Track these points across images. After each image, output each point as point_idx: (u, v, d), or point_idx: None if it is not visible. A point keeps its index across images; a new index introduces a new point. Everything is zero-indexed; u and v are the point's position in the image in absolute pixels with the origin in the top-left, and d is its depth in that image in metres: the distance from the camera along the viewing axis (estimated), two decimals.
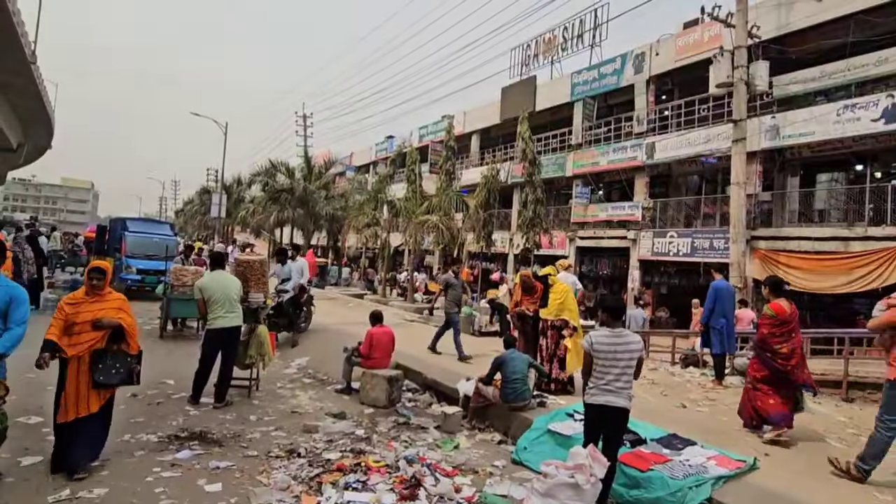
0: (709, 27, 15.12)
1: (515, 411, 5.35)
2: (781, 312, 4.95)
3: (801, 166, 14.81)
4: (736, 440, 4.85)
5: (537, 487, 3.77)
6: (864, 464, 4.06)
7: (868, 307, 12.74)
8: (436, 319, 11.28)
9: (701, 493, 3.73)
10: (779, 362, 4.80)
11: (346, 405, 5.97)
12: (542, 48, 22.16)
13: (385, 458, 4.32)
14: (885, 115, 11.80)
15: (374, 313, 6.85)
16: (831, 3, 12.92)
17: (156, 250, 13.38)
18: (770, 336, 4.91)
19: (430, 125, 29.66)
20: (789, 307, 4.99)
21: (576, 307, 6.56)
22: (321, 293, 18.58)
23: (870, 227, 11.98)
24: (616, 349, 3.74)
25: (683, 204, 17.07)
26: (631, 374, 3.75)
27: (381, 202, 22.03)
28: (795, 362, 4.84)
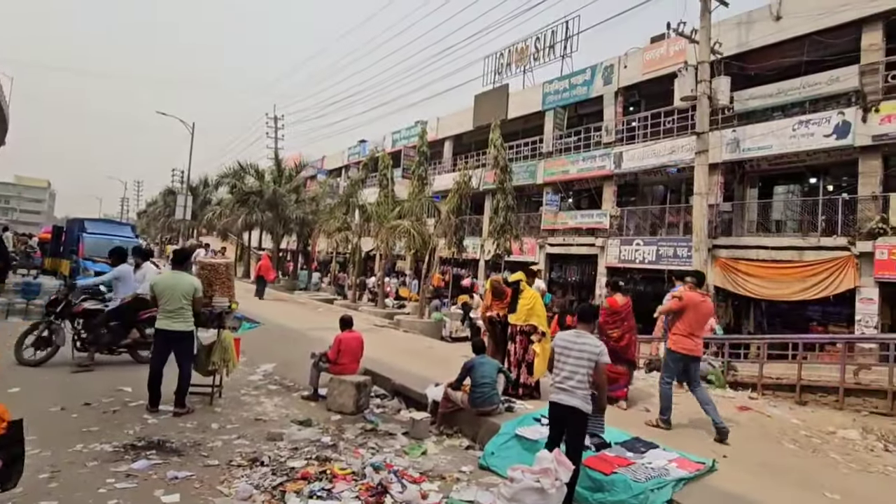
0: (674, 42, 15.63)
1: (484, 416, 5.36)
2: (614, 305, 6.35)
3: (760, 178, 15.44)
4: (696, 443, 4.98)
5: (503, 492, 3.79)
6: (663, 415, 5.53)
7: (820, 314, 13.40)
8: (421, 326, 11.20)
9: (662, 495, 3.81)
10: (611, 343, 5.94)
11: (312, 412, 5.86)
12: (515, 57, 22.49)
13: (351, 466, 4.26)
14: (836, 131, 12.42)
15: (344, 318, 6.77)
16: (788, 24, 13.56)
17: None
18: (605, 324, 6.21)
19: (404, 130, 29.64)
20: (623, 301, 6.36)
21: (544, 312, 6.65)
22: (290, 297, 18.29)
23: (822, 237, 12.56)
24: (570, 349, 3.86)
25: (649, 213, 17.54)
26: (583, 374, 3.80)
27: (352, 206, 21.83)
28: (624, 343, 6.25)
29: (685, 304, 5.51)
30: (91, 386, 6.03)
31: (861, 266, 11.65)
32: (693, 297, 5.54)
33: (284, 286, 24.63)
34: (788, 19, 13.55)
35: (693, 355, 5.56)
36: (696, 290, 5.67)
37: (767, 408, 6.70)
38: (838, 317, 12.66)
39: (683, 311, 5.51)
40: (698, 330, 5.57)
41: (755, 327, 14.14)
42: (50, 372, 6.46)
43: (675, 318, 5.69)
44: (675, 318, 5.66)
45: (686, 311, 5.50)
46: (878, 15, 12.17)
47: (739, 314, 14.49)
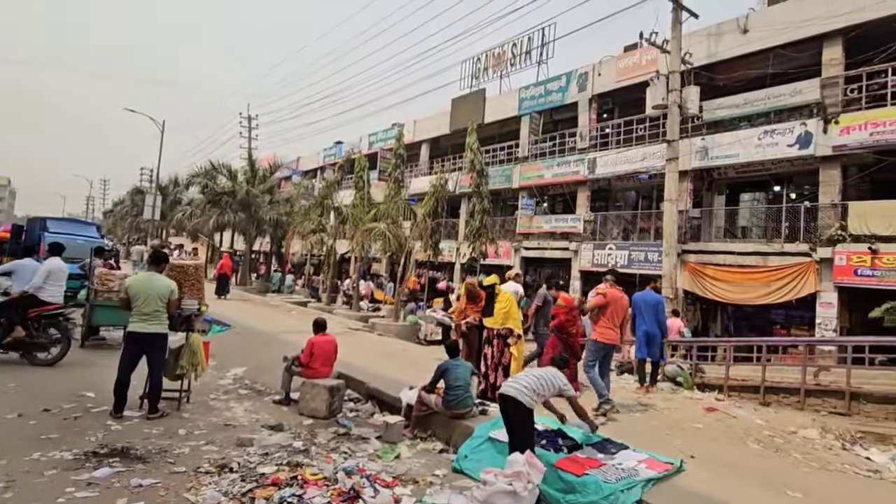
0: (646, 52, 16.01)
1: (457, 419, 5.36)
2: (568, 301, 6.82)
3: (727, 186, 15.93)
4: (665, 444, 5.08)
5: (476, 495, 3.80)
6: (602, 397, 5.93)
7: (784, 318, 13.86)
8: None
9: (632, 495, 3.87)
10: (572, 339, 6.46)
11: (283, 416, 5.77)
12: (492, 62, 22.67)
13: (323, 471, 4.20)
14: (798, 141, 12.91)
15: (317, 321, 6.69)
16: (755, 37, 14.04)
17: (79, 253, 12.46)
18: (567, 322, 6.60)
19: (380, 132, 29.53)
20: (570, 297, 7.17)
21: (519, 315, 6.70)
22: (262, 300, 17.98)
23: (785, 243, 13.02)
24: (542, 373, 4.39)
25: (621, 218, 17.89)
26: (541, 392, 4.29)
27: (327, 208, 21.62)
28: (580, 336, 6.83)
29: (608, 300, 6.12)
30: (52, 391, 5.80)
31: (821, 271, 12.12)
32: (614, 294, 6.22)
33: (257, 288, 24.21)
34: (755, 32, 14.04)
35: (613, 344, 6.30)
36: (615, 287, 6.33)
37: (733, 409, 6.89)
38: (800, 320, 13.13)
39: (607, 307, 6.13)
40: (618, 322, 6.25)
41: (722, 330, 14.55)
42: (7, 376, 6.19)
43: (599, 313, 6.31)
44: (600, 313, 6.28)
45: (608, 306, 6.11)
46: (837, 31, 12.71)
47: (707, 317, 14.89)
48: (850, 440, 6.01)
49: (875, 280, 11.24)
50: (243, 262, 26.69)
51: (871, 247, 11.36)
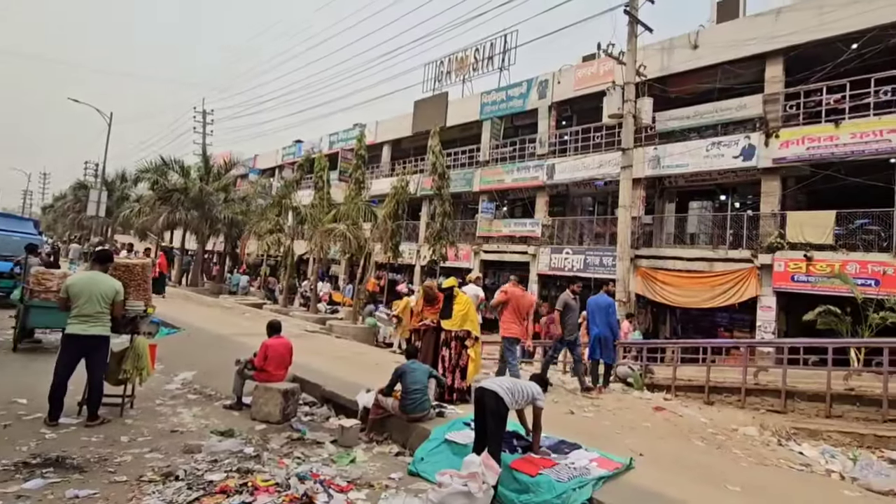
0: (604, 62, 16.52)
1: (414, 422, 5.35)
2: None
3: (677, 194, 16.62)
4: (616, 443, 5.24)
5: (431, 498, 3.80)
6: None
7: (727, 321, 14.57)
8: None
9: (583, 493, 3.96)
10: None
11: (235, 421, 5.59)
12: (455, 66, 22.82)
13: (275, 477, 4.09)
14: (743, 153, 13.63)
15: (271, 323, 6.52)
16: (704, 52, 14.74)
17: (13, 250, 11.68)
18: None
19: (341, 132, 29.18)
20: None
21: (477, 318, 6.76)
22: (215, 301, 17.37)
23: (730, 249, 13.71)
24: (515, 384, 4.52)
25: (578, 223, 18.35)
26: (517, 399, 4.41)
27: (285, 208, 21.14)
28: None
29: (508, 298, 6.73)
30: None
31: (762, 277, 12.82)
32: (515, 292, 6.88)
33: (210, 290, 23.38)
34: (704, 48, 14.74)
35: (518, 337, 6.90)
36: (518, 287, 7.06)
37: (680, 408, 7.18)
38: (742, 323, 13.84)
39: (508, 303, 6.74)
40: (521, 317, 6.87)
41: (671, 332, 15.14)
42: None
43: (502, 310, 6.94)
44: (503, 309, 6.91)
45: (510, 302, 6.73)
46: (778, 50, 13.52)
47: (657, 320, 15.47)
48: (785, 436, 6.37)
49: (809, 286, 11.98)
50: (195, 261, 25.73)
51: (806, 254, 12.11)
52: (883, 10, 11.80)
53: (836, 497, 4.56)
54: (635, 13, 13.27)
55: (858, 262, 11.49)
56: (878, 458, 5.76)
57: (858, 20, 12.07)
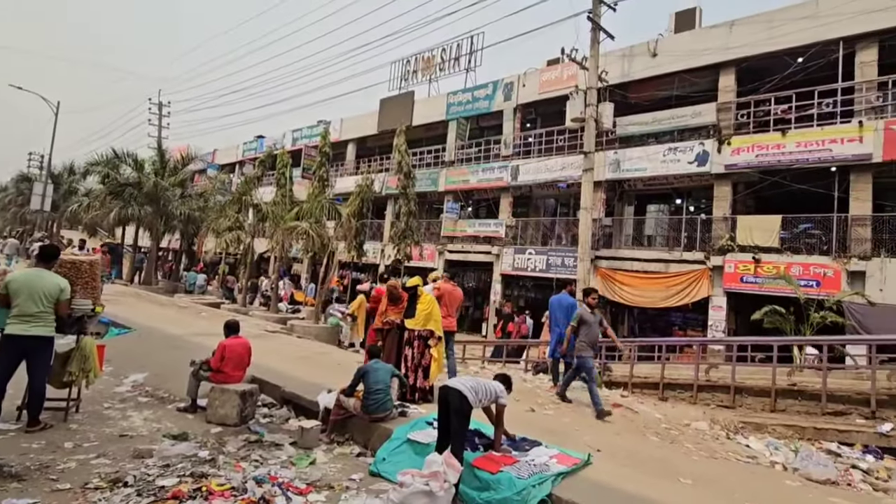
0: (568, 67, 16.86)
1: (376, 422, 5.30)
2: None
3: (636, 197, 17.15)
4: (575, 439, 5.35)
5: (392, 498, 3.78)
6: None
7: (681, 320, 15.12)
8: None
9: (543, 489, 4.03)
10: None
11: (189, 425, 5.40)
12: (422, 65, 22.80)
13: (231, 481, 3.98)
14: (697, 158, 14.18)
15: (229, 322, 6.32)
16: (663, 61, 15.26)
17: None
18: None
19: (305, 129, 28.68)
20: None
21: (440, 317, 6.76)
22: (169, 301, 16.74)
23: (684, 251, 14.24)
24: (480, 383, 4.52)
25: (541, 224, 18.66)
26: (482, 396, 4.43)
27: (246, 205, 20.55)
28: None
29: (442, 293, 7.14)
30: None
31: (713, 278, 13.38)
32: (447, 287, 7.31)
33: (164, 288, 22.51)
34: (663, 56, 15.26)
35: (450, 330, 7.25)
36: (449, 282, 7.53)
37: (636, 404, 7.40)
38: (695, 322, 14.40)
39: (442, 298, 7.06)
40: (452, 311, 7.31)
41: (628, 331, 15.59)
42: None
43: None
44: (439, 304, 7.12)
45: (443, 297, 7.07)
46: (731, 61, 14.14)
47: (616, 320, 15.90)
48: (733, 430, 6.67)
49: (757, 286, 12.58)
50: (149, 259, 24.71)
51: (754, 256, 12.72)
52: (825, 28, 12.53)
53: (778, 487, 4.81)
54: (598, 20, 13.59)
55: (802, 265, 12.15)
56: (818, 450, 6.11)
57: (804, 35, 12.77)
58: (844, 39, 12.45)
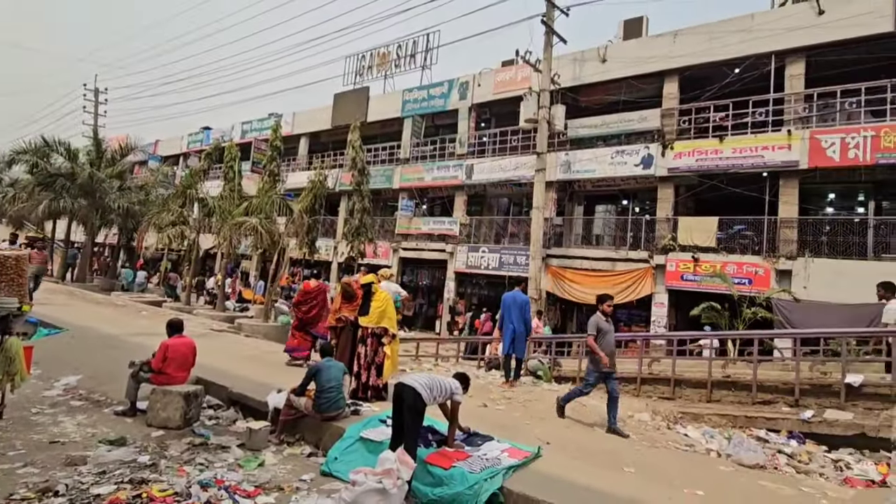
0: (522, 69, 17.15)
1: (328, 421, 5.23)
2: (306, 287, 8.45)
3: (585, 197, 17.70)
4: (526, 433, 5.48)
5: (345, 497, 3.75)
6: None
7: (627, 316, 15.75)
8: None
9: (494, 483, 4.11)
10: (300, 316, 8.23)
11: (127, 429, 5.14)
12: (377, 61, 22.57)
13: (174, 486, 3.83)
14: (643, 161, 14.79)
15: (172, 321, 6.06)
16: (612, 66, 15.80)
17: None
18: (300, 302, 8.38)
19: (255, 121, 27.79)
20: (315, 285, 8.49)
21: (395, 315, 6.74)
22: (106, 299, 15.79)
23: (630, 250, 14.83)
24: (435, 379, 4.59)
25: (494, 223, 18.92)
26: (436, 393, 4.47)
27: (191, 199, 19.66)
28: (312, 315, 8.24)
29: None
30: None
31: (656, 276, 14.01)
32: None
33: (99, 286, 21.24)
34: (612, 62, 15.80)
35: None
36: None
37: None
38: (639, 318, 15.03)
39: None
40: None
41: (577, 327, 16.08)
42: None
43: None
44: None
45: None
46: (675, 69, 14.83)
47: (565, 316, 16.37)
48: (673, 420, 7.02)
49: (696, 284, 13.28)
50: (83, 255, 23.23)
51: (693, 256, 13.41)
52: (759, 41, 13.36)
53: (713, 473, 5.12)
54: (551, 24, 13.91)
55: (736, 264, 12.93)
56: (748, 437, 6.54)
57: (740, 48, 13.57)
58: (776, 53, 13.32)
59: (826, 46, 12.73)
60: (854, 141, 11.89)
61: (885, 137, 11.56)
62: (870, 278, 9.36)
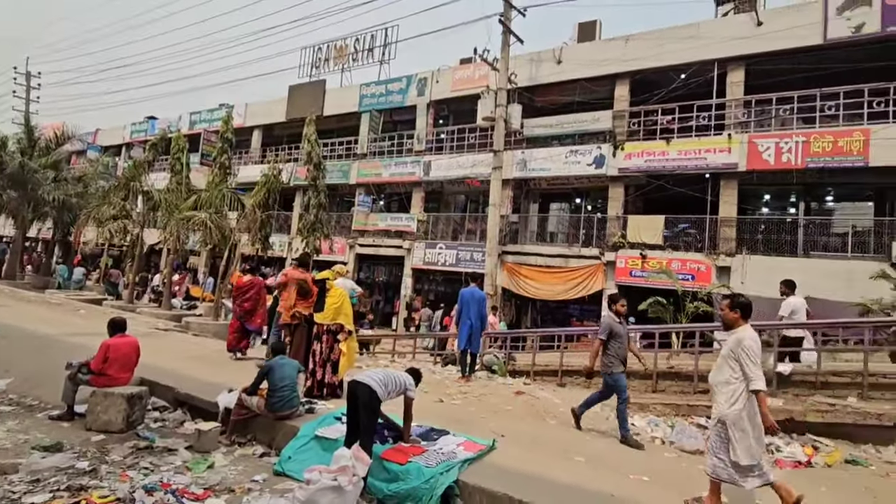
0: (480, 67, 17.29)
1: (282, 420, 5.14)
2: (239, 282, 8.45)
3: (540, 195, 18.08)
4: (481, 426, 5.57)
5: (298, 496, 3.70)
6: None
7: (579, 312, 16.22)
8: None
9: (450, 476, 4.16)
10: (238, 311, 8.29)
11: (64, 434, 4.86)
12: (334, 54, 22.17)
13: (116, 492, 3.67)
14: (595, 161, 15.24)
15: (114, 320, 5.78)
16: (566, 68, 16.18)
17: None
18: (237, 296, 8.41)
19: (205, 112, 26.76)
20: (248, 280, 8.45)
21: (351, 311, 6.68)
22: (39, 297, 14.81)
23: (582, 247, 15.28)
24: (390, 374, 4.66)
25: (452, 219, 19.03)
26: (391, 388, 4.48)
27: (134, 192, 18.68)
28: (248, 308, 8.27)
29: (288, 279, 7.20)
30: None
31: (607, 272, 14.50)
32: (294, 274, 7.25)
33: (31, 283, 19.90)
34: (567, 64, 16.18)
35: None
36: (298, 269, 7.43)
37: (537, 391, 7.84)
38: (591, 314, 15.51)
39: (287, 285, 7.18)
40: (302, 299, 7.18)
41: (531, 323, 16.44)
42: None
43: (282, 291, 7.37)
44: (283, 291, 7.33)
45: (289, 284, 7.13)
46: (626, 73, 15.34)
47: (520, 312, 16.69)
48: None
49: (644, 280, 13.85)
50: (12, 250, 21.66)
51: (642, 253, 13.97)
52: (704, 49, 14.03)
53: (658, 459, 5.38)
54: (509, 23, 14.10)
55: (680, 260, 13.56)
56: (690, 424, 6.88)
57: (686, 54, 14.20)
58: (719, 61, 14.03)
59: (764, 56, 13.53)
60: (787, 146, 12.70)
61: (814, 143, 12.41)
62: (800, 274, 10.04)
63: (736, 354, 3.86)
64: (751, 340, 3.85)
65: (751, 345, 3.82)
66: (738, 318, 4.02)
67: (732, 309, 4.04)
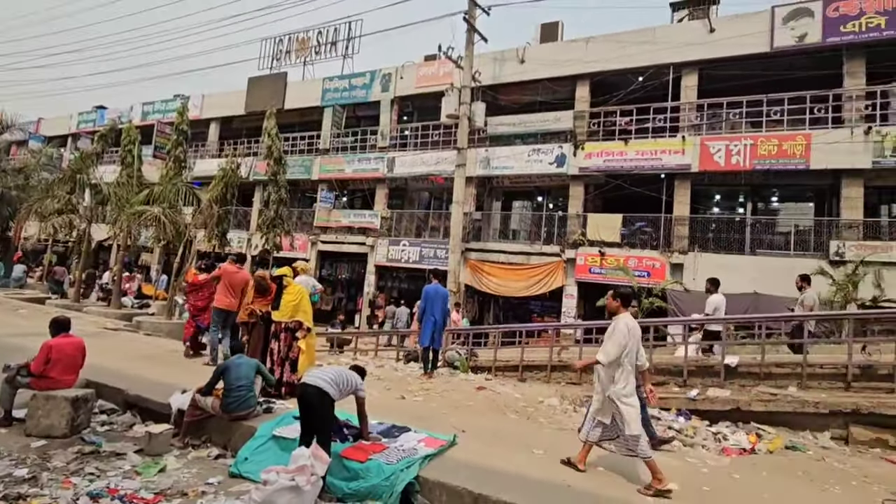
0: (444, 64, 17.29)
1: (238, 421, 5.02)
2: (195, 280, 8.50)
3: (503, 193, 18.28)
4: (442, 422, 5.59)
5: (255, 497, 3.63)
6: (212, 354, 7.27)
7: (540, 308, 16.52)
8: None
9: (410, 473, 4.16)
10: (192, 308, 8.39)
11: (1, 440, 4.59)
12: (296, 46, 21.70)
13: (59, 499, 3.50)
14: (557, 160, 15.52)
15: (57, 320, 5.48)
16: (529, 67, 16.39)
17: None
18: (191, 293, 8.54)
19: (158, 103, 25.72)
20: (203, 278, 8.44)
21: (310, 308, 6.57)
22: None
23: (543, 245, 15.54)
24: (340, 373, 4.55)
25: (415, 216, 18.99)
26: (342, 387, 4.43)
27: (81, 184, 17.74)
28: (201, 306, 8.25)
29: (221, 273, 7.52)
30: None
31: (567, 269, 14.81)
32: (228, 269, 7.59)
33: None
34: (529, 64, 16.39)
35: (231, 310, 7.40)
36: (233, 265, 7.75)
37: (498, 386, 7.94)
38: (551, 310, 15.82)
39: (220, 278, 7.51)
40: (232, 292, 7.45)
41: (494, 319, 16.62)
42: None
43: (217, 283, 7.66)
44: (217, 283, 7.63)
45: (223, 278, 7.46)
46: (586, 74, 15.69)
47: (483, 308, 16.84)
48: (579, 404, 7.47)
49: (602, 276, 14.22)
50: None
51: (600, 250, 14.34)
52: (660, 53, 14.49)
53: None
54: (473, 22, 14.15)
55: (637, 258, 14.00)
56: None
57: (644, 58, 14.64)
58: (674, 65, 14.53)
59: (716, 62, 14.10)
60: (736, 148, 13.30)
61: (761, 146, 13.04)
62: (747, 271, 10.54)
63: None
64: (623, 325, 4.44)
65: (621, 328, 4.41)
66: (619, 306, 4.64)
67: (615, 298, 4.69)
